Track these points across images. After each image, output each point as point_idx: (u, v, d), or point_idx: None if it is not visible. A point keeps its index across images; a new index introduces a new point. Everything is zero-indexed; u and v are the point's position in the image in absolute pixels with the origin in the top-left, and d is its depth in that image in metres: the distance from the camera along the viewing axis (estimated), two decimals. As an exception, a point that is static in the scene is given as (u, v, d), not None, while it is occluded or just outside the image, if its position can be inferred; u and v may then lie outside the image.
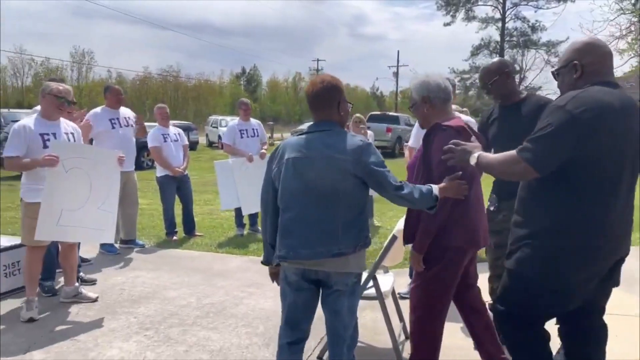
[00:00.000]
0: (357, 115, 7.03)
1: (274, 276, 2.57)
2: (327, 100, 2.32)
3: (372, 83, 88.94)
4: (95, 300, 4.10)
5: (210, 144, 27.50)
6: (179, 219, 6.40)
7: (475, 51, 46.18)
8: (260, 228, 6.57)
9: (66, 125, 4.00)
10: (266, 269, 2.36)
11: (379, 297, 2.98)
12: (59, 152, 3.66)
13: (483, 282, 3.09)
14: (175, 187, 6.25)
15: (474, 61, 46.93)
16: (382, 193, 2.26)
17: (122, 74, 51.71)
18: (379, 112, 24.44)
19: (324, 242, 2.20)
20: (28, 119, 3.82)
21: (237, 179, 6.28)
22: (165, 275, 4.82)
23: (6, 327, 3.57)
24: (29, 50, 51.86)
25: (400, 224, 2.91)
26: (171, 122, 6.39)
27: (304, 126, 25.51)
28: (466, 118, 3.86)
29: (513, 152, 2.07)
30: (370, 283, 2.99)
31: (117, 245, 5.63)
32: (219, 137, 25.73)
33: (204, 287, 4.45)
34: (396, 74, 52.04)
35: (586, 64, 2.13)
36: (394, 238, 2.88)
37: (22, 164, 3.66)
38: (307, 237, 2.21)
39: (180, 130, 6.47)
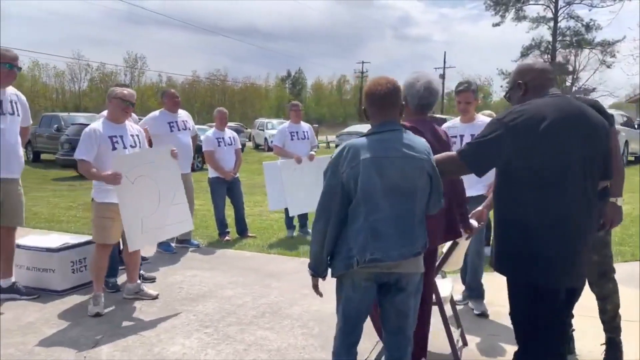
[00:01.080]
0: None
1: (317, 288, 2.48)
2: (395, 100, 2.31)
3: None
4: (155, 297, 4.25)
5: (257, 147, 27.94)
6: (230, 219, 6.56)
7: (526, 51, 44.89)
8: (310, 231, 6.65)
9: (131, 127, 4.18)
10: None
11: (438, 302, 2.96)
12: (120, 168, 3.82)
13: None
14: (226, 188, 6.40)
15: (524, 62, 45.76)
16: (434, 192, 2.30)
17: (172, 78, 53.39)
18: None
19: (407, 243, 2.20)
20: (97, 123, 4.01)
21: (285, 180, 6.35)
22: (221, 274, 4.94)
23: (75, 322, 3.76)
24: (86, 56, 54.12)
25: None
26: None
27: (351, 128, 25.56)
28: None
29: (454, 152, 2.40)
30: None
31: (173, 245, 5.81)
32: (265, 139, 26.16)
33: (258, 288, 4.53)
34: (442, 76, 51.28)
35: (528, 81, 2.37)
36: (455, 244, 2.85)
37: (91, 172, 3.86)
38: (396, 238, 2.18)
39: (235, 134, 6.61)
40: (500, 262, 2.32)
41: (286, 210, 6.53)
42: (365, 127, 24.99)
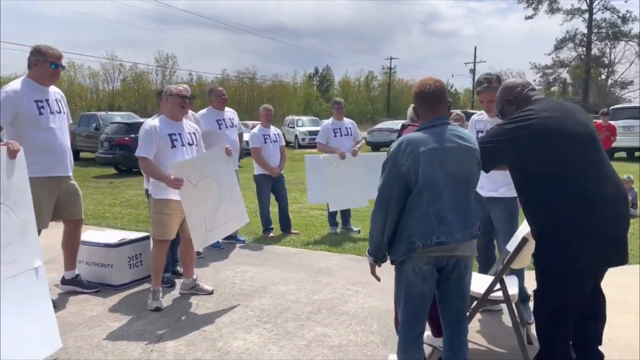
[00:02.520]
0: (457, 112, 6.98)
1: (375, 273, 2.67)
2: (444, 97, 2.49)
3: (445, 80, 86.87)
4: (211, 292, 4.31)
5: (287, 144, 28.00)
6: (272, 216, 6.61)
7: (560, 44, 43.96)
8: (355, 228, 6.71)
9: (188, 125, 4.24)
10: (369, 267, 2.43)
11: (507, 300, 2.92)
12: (181, 173, 3.88)
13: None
14: (271, 185, 6.44)
15: (557, 55, 44.72)
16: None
17: (202, 76, 54.11)
18: (459, 111, 23.79)
19: (468, 226, 2.38)
20: (154, 120, 4.08)
21: (327, 175, 6.36)
22: (271, 270, 4.98)
23: (137, 315, 3.85)
24: (119, 57, 55.13)
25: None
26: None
27: (382, 125, 25.39)
28: None
29: None
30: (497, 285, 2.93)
31: (220, 241, 5.88)
32: (296, 136, 26.25)
33: (310, 284, 4.55)
34: (473, 71, 50.51)
35: (516, 95, 2.78)
36: (525, 240, 2.80)
37: (152, 170, 3.93)
38: (457, 222, 2.36)
39: (280, 132, 6.66)
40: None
41: (328, 206, 6.54)
42: (395, 124, 24.70)
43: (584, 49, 43.43)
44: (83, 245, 4.48)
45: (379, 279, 2.67)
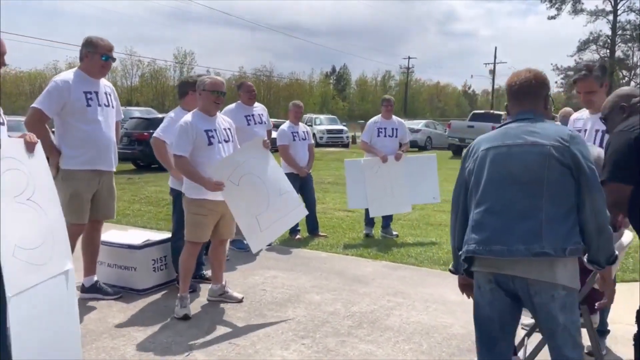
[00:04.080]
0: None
1: (464, 288, 2.33)
2: (532, 90, 2.16)
3: (463, 81, 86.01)
4: (241, 300, 4.01)
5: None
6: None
7: (583, 46, 43.08)
8: (394, 232, 6.37)
9: (223, 120, 3.93)
10: (408, 276, 2.19)
11: (587, 324, 2.56)
12: (221, 175, 3.62)
13: None
14: (299, 185, 6.13)
15: (580, 57, 43.81)
16: (586, 197, 1.96)
17: (219, 73, 53.96)
18: (482, 111, 23.31)
19: (524, 239, 1.93)
20: (189, 116, 3.76)
21: (368, 179, 6.05)
22: (302, 276, 4.67)
23: (163, 325, 3.55)
24: (138, 53, 55.21)
25: (626, 237, 2.50)
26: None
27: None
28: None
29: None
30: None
31: (245, 242, 5.58)
32: (314, 134, 25.99)
33: (346, 294, 4.22)
34: (493, 72, 49.81)
35: (633, 104, 2.50)
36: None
37: (189, 171, 3.63)
38: (502, 232, 1.97)
39: (309, 129, 6.36)
40: None
41: (368, 211, 6.22)
42: (413, 123, 24.28)
43: (608, 50, 42.49)
44: (105, 245, 4.20)
45: (468, 296, 2.31)
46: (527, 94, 2.16)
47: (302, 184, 6.12)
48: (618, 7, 41.44)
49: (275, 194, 3.97)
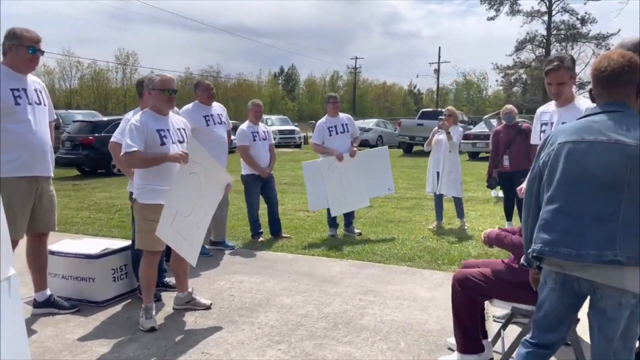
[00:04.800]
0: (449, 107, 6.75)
1: (536, 282, 2.20)
2: (623, 79, 1.96)
3: (409, 81, 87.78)
4: (209, 307, 3.85)
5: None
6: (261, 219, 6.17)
7: (520, 46, 44.83)
8: (357, 230, 6.33)
9: (177, 120, 3.75)
10: (376, 274, 2.09)
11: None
12: (191, 152, 3.43)
13: None
14: (260, 186, 6.00)
15: (518, 56, 45.63)
16: None
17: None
18: (430, 109, 23.83)
19: (596, 244, 1.82)
20: (139, 115, 3.55)
21: (326, 179, 6.00)
22: (270, 279, 4.55)
23: (130, 337, 3.34)
24: (76, 54, 52.81)
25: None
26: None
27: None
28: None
29: None
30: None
31: (207, 247, 5.40)
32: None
33: (317, 295, 4.14)
34: (437, 71, 51.09)
35: None
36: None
37: (147, 159, 3.40)
38: (573, 234, 1.87)
39: (269, 129, 6.23)
40: None
41: (329, 211, 6.15)
42: (362, 123, 24.43)
43: (543, 50, 44.45)
44: (58, 256, 3.94)
45: (534, 286, 2.24)
46: (618, 82, 1.97)
47: (264, 185, 5.99)
48: (552, 8, 43.47)
49: (196, 217, 3.62)
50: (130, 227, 6.71)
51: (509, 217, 6.59)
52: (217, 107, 5.38)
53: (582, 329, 2.41)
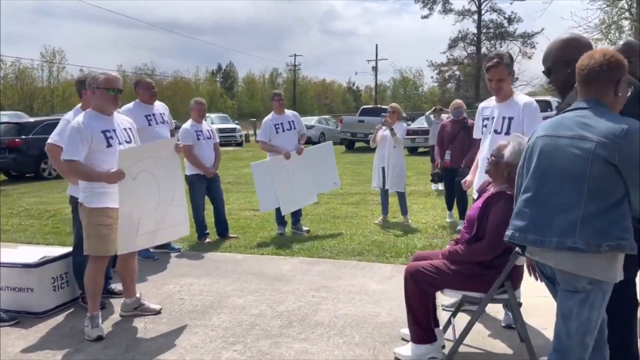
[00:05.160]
0: (393, 104, 6.88)
1: (531, 268, 2.42)
2: (599, 77, 2.03)
3: (347, 78, 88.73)
4: (158, 312, 3.75)
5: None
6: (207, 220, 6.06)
7: (453, 44, 46.45)
8: (305, 228, 6.33)
9: (122, 120, 3.62)
10: (327, 270, 2.13)
11: (512, 300, 2.73)
12: (125, 163, 3.32)
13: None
14: (206, 186, 5.89)
15: (451, 54, 47.25)
16: (631, 188, 1.93)
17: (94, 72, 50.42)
18: (371, 106, 24.20)
19: (559, 232, 1.96)
20: (82, 117, 3.39)
21: (275, 178, 5.97)
22: (220, 281, 4.48)
23: (76, 348, 3.20)
24: (-4, 51, 49.60)
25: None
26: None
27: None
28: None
29: None
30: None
31: (152, 250, 5.24)
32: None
33: (269, 293, 4.12)
34: (375, 68, 52.00)
35: (576, 58, 2.21)
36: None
37: (85, 173, 3.28)
38: (540, 222, 2.02)
39: (213, 128, 6.12)
40: None
41: (279, 210, 6.13)
42: (303, 120, 24.78)
43: (475, 47, 46.26)
44: (-8, 267, 3.69)
45: (537, 279, 2.40)
46: (595, 81, 2.04)
47: (210, 184, 5.88)
48: (482, 7, 45.32)
49: (166, 202, 3.66)
50: (66, 233, 6.43)
51: (449, 207, 6.84)
52: (159, 106, 5.23)
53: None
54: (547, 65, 2.52)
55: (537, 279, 2.37)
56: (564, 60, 2.41)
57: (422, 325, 2.90)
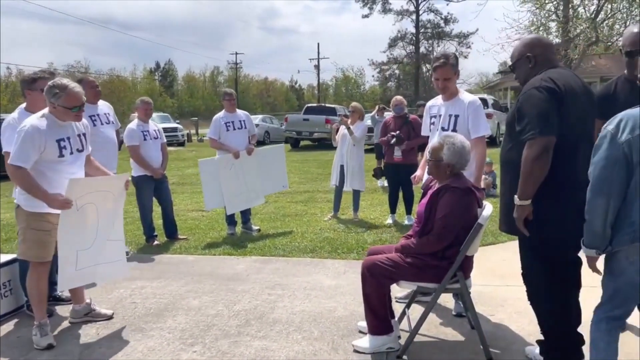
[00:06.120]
0: (354, 104, 7.01)
1: (595, 267, 2.33)
2: None
3: (290, 76, 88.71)
4: (111, 317, 3.65)
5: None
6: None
7: (393, 43, 47.51)
8: (255, 227, 6.28)
9: (77, 125, 3.43)
10: (281, 268, 2.09)
11: (464, 289, 2.87)
12: (74, 192, 3.16)
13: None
14: (153, 187, 5.77)
15: (391, 53, 48.31)
16: None
17: (23, 70, 47.71)
18: (315, 104, 24.33)
19: None
20: (37, 120, 3.16)
21: (223, 177, 5.93)
22: (173, 283, 4.41)
23: (25, 358, 3.06)
24: None
25: (486, 211, 2.85)
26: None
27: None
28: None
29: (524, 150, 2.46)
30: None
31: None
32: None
33: (225, 293, 4.11)
34: (317, 67, 52.31)
35: (537, 54, 2.64)
36: (480, 226, 2.78)
37: (31, 185, 3.10)
38: None
39: (160, 127, 5.99)
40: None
41: (225, 209, 6.09)
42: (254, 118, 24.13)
43: (413, 47, 47.53)
44: None
45: (599, 273, 2.31)
46: None
47: (157, 185, 5.76)
48: (419, 8, 46.60)
49: (103, 235, 3.47)
50: (2, 239, 6.10)
51: (393, 210, 6.75)
52: (103, 106, 5.06)
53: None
54: (512, 62, 2.76)
55: (600, 274, 2.35)
56: (526, 56, 2.65)
57: (379, 317, 3.00)
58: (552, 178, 2.42)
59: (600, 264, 2.30)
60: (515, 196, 2.48)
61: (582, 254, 2.39)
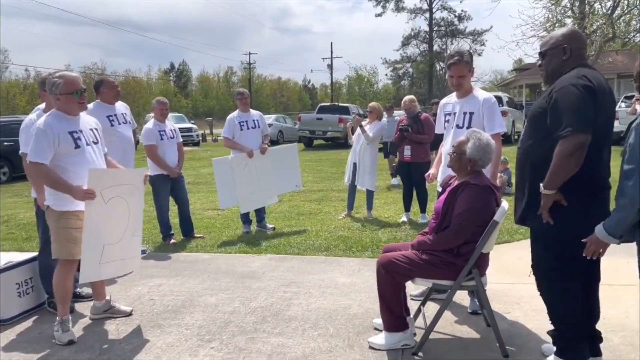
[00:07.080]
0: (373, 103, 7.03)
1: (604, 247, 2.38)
2: None
3: (303, 76, 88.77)
4: (130, 314, 3.71)
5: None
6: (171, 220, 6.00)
7: (406, 41, 47.25)
8: (270, 225, 6.33)
9: (88, 120, 3.54)
10: (296, 266, 2.12)
11: (479, 286, 2.88)
12: (96, 183, 3.23)
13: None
14: (169, 187, 5.84)
15: (405, 51, 48.10)
16: None
17: (41, 72, 48.42)
18: (328, 104, 24.33)
19: None
20: (45, 118, 3.30)
21: (237, 176, 5.99)
22: (190, 280, 4.47)
23: (46, 353, 3.14)
24: None
25: (502, 209, 2.85)
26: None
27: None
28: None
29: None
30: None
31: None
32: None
33: (241, 291, 4.15)
34: (330, 66, 52.29)
35: (574, 48, 2.57)
36: (495, 223, 2.78)
37: (53, 179, 3.18)
38: None
39: (176, 127, 6.06)
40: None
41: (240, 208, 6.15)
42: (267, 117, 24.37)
43: (427, 45, 47.26)
44: (-48, 275, 3.56)
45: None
46: None
47: (174, 185, 5.84)
48: (433, 6, 46.31)
49: (130, 232, 3.54)
50: (22, 238, 6.23)
51: (407, 208, 6.77)
52: (120, 106, 5.13)
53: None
54: (544, 49, 2.64)
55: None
56: (563, 47, 2.56)
57: (395, 314, 3.01)
58: (576, 176, 2.40)
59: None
60: (541, 184, 2.46)
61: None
